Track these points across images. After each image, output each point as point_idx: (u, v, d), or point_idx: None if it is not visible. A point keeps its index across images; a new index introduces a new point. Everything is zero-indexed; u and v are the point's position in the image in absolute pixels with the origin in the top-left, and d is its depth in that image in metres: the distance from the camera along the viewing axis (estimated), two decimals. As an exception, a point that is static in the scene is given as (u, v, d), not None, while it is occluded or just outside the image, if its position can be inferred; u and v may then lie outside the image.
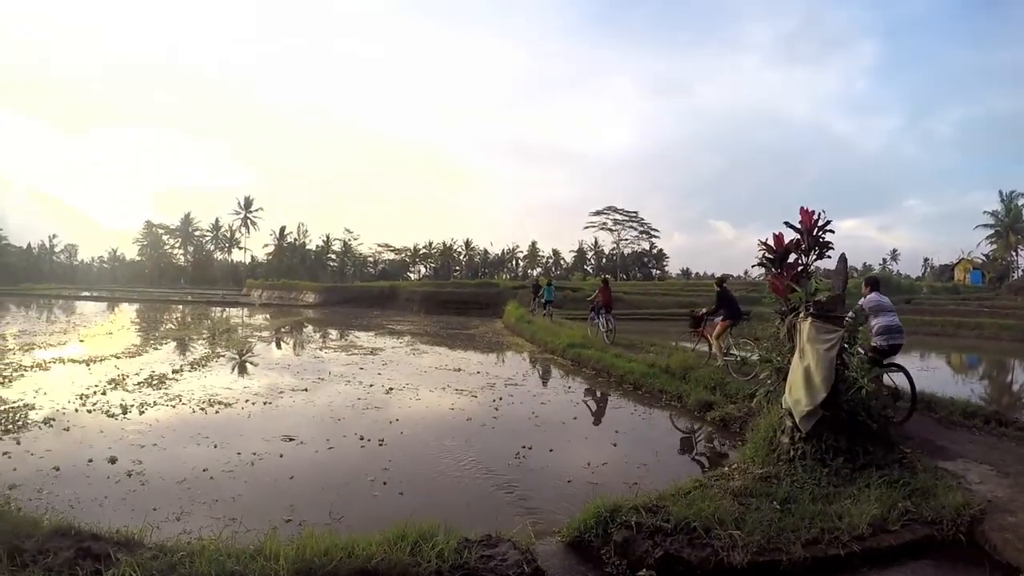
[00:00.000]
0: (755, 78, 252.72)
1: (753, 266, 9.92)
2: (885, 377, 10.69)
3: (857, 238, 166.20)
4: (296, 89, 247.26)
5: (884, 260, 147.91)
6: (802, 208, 8.92)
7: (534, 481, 8.84)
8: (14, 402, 12.90)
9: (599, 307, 25.06)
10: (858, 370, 8.25)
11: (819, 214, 8.83)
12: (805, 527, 5.99)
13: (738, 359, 14.86)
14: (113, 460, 9.35)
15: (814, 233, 8.87)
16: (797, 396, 7.86)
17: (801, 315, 8.25)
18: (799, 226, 8.94)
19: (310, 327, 39.19)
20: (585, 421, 12.94)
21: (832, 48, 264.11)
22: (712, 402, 12.54)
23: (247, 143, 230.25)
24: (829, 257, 9.01)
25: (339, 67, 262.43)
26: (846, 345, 8.16)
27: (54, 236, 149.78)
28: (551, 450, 10.41)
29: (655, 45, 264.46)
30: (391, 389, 15.72)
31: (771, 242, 9.28)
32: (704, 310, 17.39)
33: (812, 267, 9.14)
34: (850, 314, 10.51)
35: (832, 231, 8.92)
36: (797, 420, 7.80)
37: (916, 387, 10.56)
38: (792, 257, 9.13)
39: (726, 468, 7.96)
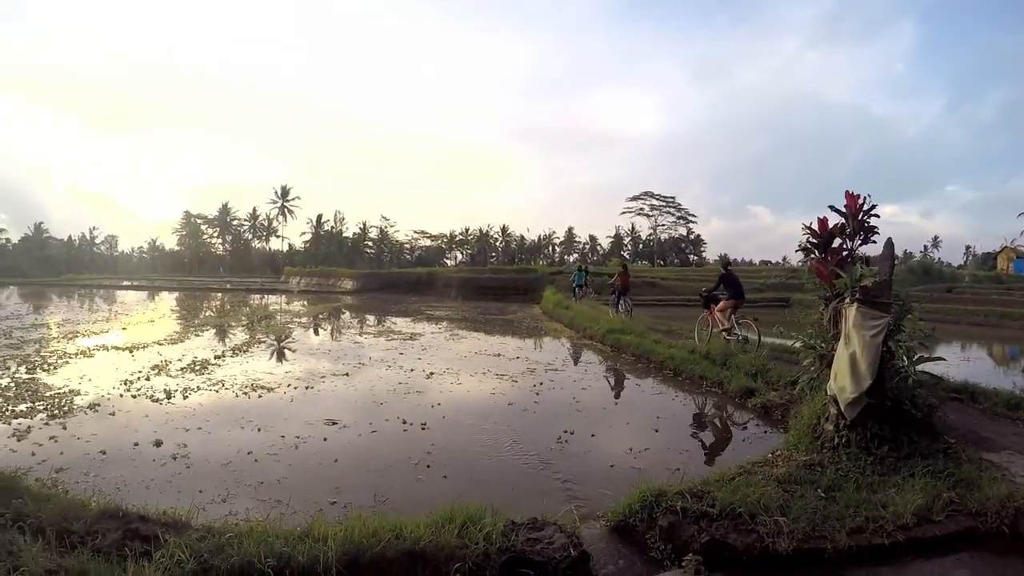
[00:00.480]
0: (794, 60, 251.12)
1: (797, 251, 9.80)
2: None
3: (898, 224, 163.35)
4: (332, 81, 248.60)
5: (925, 247, 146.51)
6: (847, 191, 8.80)
7: (577, 465, 8.84)
8: (60, 388, 13.14)
9: (618, 290, 28.38)
10: (904, 357, 8.17)
11: (864, 198, 8.72)
12: (850, 515, 5.96)
13: (740, 337, 16.81)
14: (158, 443, 9.49)
15: (859, 217, 8.75)
16: (842, 383, 7.78)
17: (847, 301, 8.16)
18: (844, 210, 8.84)
19: (348, 313, 39.45)
20: (626, 407, 12.91)
21: (872, 29, 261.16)
22: (753, 389, 12.41)
23: (284, 136, 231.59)
24: (874, 242, 8.85)
25: (376, 59, 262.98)
26: (891, 332, 8.06)
27: (94, 228, 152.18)
28: (593, 435, 10.41)
29: (693, 29, 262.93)
30: (432, 374, 15.80)
31: (815, 226, 9.19)
32: (705, 288, 19.18)
33: (857, 252, 9.03)
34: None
35: (877, 215, 8.79)
36: (842, 407, 7.73)
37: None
38: (837, 242, 9.02)
39: (770, 455, 7.90)
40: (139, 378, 14.46)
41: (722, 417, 12.11)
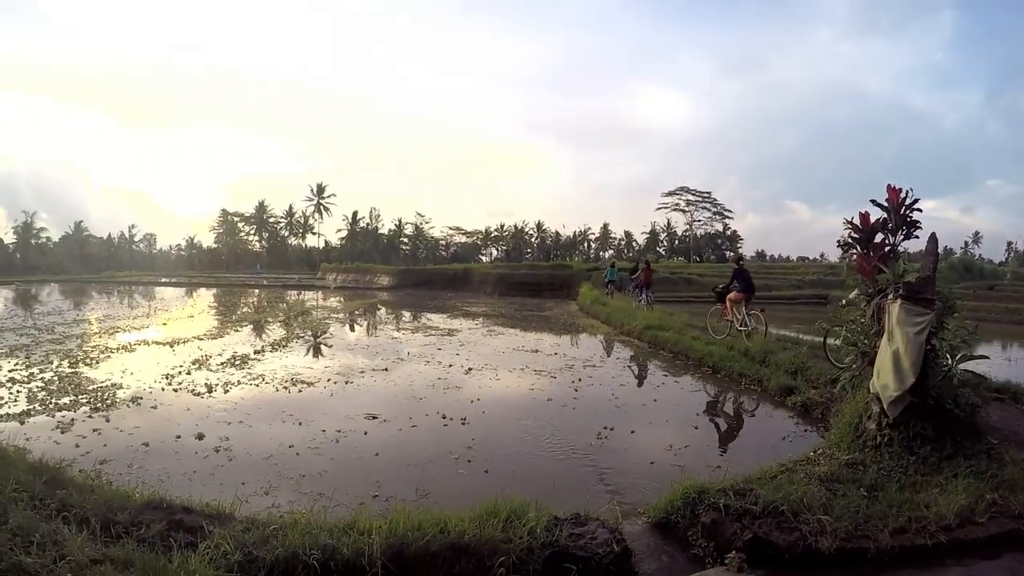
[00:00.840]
0: (829, 51, 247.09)
1: (839, 245, 9.69)
2: None
3: (937, 220, 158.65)
4: (366, 80, 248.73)
5: (965, 243, 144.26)
6: (889, 185, 8.68)
7: (617, 462, 8.84)
8: (102, 382, 13.39)
9: (641, 284, 30.59)
10: (947, 355, 8.09)
11: (906, 192, 8.63)
12: (892, 515, 5.91)
13: (750, 328, 17.69)
14: (200, 436, 9.64)
15: (901, 212, 8.65)
16: (885, 381, 7.70)
17: (890, 297, 8.08)
18: (885, 204, 8.75)
19: (385, 309, 39.65)
20: (665, 403, 12.79)
21: (908, 17, 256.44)
22: (793, 387, 12.32)
23: (318, 134, 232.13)
24: (917, 237, 8.74)
25: (408, 56, 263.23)
26: (934, 329, 7.98)
27: (133, 226, 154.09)
28: (632, 431, 10.39)
29: (724, 19, 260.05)
30: (470, 369, 15.87)
31: (857, 221, 9.10)
32: (721, 285, 20.05)
33: (900, 247, 8.94)
34: (854, 292, 11.11)
35: (920, 209, 8.69)
36: (885, 406, 7.64)
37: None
38: (879, 237, 8.93)
39: (811, 453, 7.85)
40: (180, 372, 14.70)
41: (762, 415, 12.02)
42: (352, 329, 27.76)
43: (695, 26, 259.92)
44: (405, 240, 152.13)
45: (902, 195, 8.59)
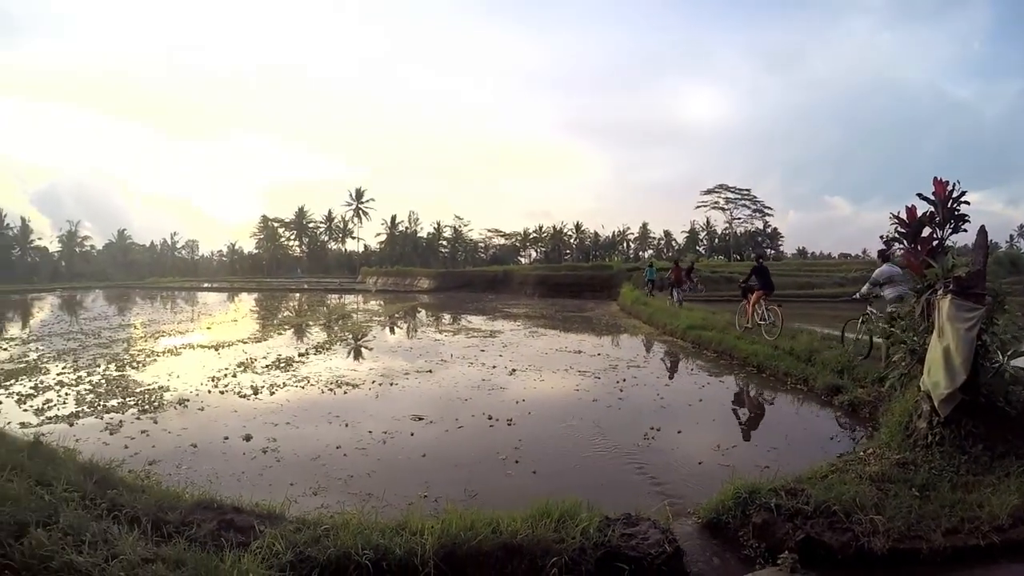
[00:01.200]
0: (868, 42, 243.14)
1: (883, 241, 9.59)
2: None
3: (982, 213, 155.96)
4: (405, 86, 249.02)
5: (1011, 237, 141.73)
6: (935, 178, 8.59)
7: (664, 462, 8.84)
8: (149, 384, 13.68)
9: (672, 282, 32.43)
10: (998, 352, 7.97)
11: (953, 185, 8.52)
12: (945, 515, 5.83)
13: (768, 321, 18.83)
14: (248, 438, 9.78)
15: (948, 205, 8.56)
16: (936, 378, 7.59)
17: (939, 292, 7.98)
18: (932, 197, 8.65)
19: (426, 311, 39.82)
20: (710, 403, 12.72)
21: (947, 4, 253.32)
22: (840, 386, 12.16)
23: (355, 139, 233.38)
24: (965, 231, 8.66)
25: (442, 63, 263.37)
26: (984, 325, 7.86)
27: (175, 233, 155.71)
28: (679, 432, 10.37)
29: (762, 13, 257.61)
30: (514, 370, 15.91)
31: (903, 215, 9.01)
32: (743, 280, 22.69)
33: (947, 241, 8.83)
34: (866, 286, 13.92)
35: (967, 202, 8.58)
36: (936, 404, 7.53)
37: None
38: (926, 231, 8.84)
39: (861, 453, 7.79)
40: (226, 375, 14.97)
41: (809, 414, 11.88)
42: (395, 332, 27.92)
43: (731, 21, 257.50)
44: (444, 243, 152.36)
45: (949, 188, 8.50)
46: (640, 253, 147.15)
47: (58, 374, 15.09)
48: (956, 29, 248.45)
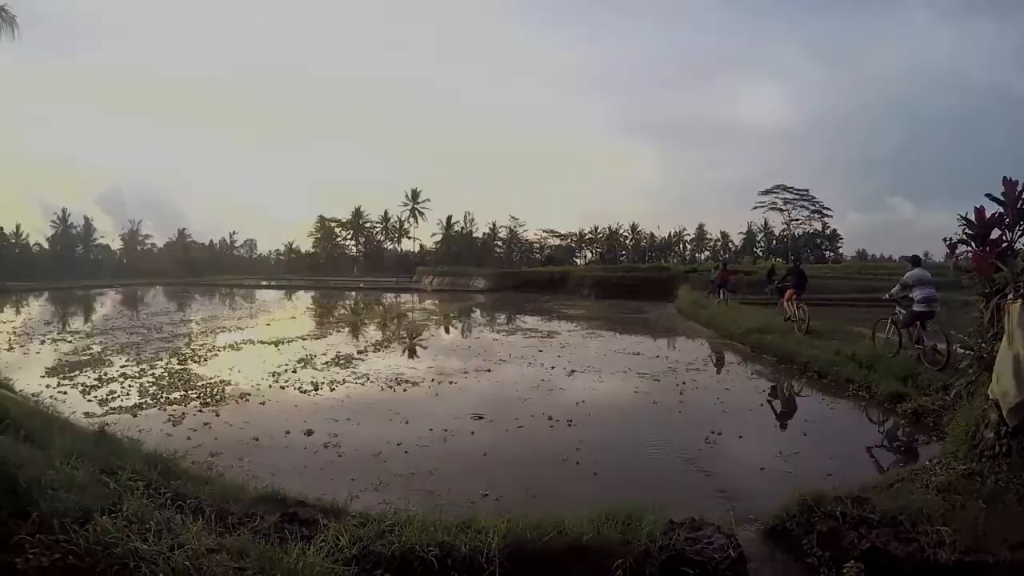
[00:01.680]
0: (928, 36, 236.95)
1: (947, 244, 9.40)
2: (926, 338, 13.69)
3: None
4: (461, 89, 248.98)
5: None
6: (1005, 178, 8.35)
7: (726, 467, 8.82)
8: (210, 378, 14.04)
9: (719, 283, 33.28)
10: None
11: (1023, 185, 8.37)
12: (1012, 528, 5.72)
13: (799, 319, 21.11)
14: (309, 432, 9.96)
15: (1019, 206, 8.39)
16: (1005, 387, 7.42)
17: (1009, 297, 7.81)
18: (1001, 198, 8.48)
19: (483, 312, 39.81)
20: (771, 409, 12.70)
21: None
22: (904, 393, 11.92)
23: (408, 140, 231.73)
24: (1036, 232, 8.52)
25: (497, 65, 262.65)
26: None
27: (234, 232, 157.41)
28: (740, 436, 10.35)
29: (818, 8, 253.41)
30: (573, 371, 15.92)
31: (972, 216, 8.86)
32: (777, 281, 26.32)
33: (1017, 244, 8.66)
34: (896, 287, 15.23)
35: (1038, 203, 8.42)
36: (1004, 413, 7.36)
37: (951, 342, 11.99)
38: (995, 233, 8.68)
39: (927, 462, 7.67)
40: (286, 370, 15.28)
41: (871, 422, 11.74)
42: (452, 331, 28.13)
43: (787, 17, 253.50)
44: (499, 243, 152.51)
45: (1019, 188, 8.32)
46: (696, 254, 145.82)
47: (121, 366, 15.51)
48: (1020, 21, 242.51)
